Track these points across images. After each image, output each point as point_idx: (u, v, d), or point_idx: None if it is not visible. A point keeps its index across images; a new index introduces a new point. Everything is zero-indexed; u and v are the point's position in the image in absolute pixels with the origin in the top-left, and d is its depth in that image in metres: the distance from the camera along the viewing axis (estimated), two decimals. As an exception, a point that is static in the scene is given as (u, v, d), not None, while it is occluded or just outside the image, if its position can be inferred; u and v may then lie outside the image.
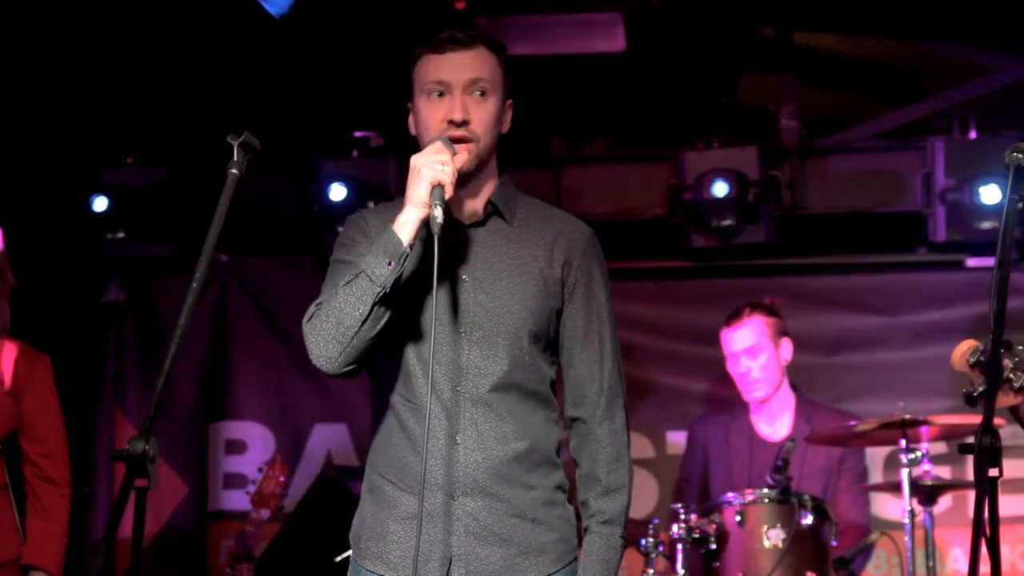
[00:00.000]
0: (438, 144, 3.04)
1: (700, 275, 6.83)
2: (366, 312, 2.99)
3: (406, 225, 3.00)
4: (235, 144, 2.99)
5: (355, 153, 6.57)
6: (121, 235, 6.56)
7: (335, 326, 3.02)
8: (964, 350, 3.35)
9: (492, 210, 3.21)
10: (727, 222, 6.36)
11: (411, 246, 2.99)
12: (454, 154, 3.04)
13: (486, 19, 5.92)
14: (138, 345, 6.85)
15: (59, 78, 6.23)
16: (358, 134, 6.59)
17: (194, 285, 2.90)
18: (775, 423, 5.85)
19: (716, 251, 6.58)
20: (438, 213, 2.95)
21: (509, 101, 3.25)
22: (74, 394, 6.48)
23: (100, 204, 6.49)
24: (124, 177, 6.60)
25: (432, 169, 2.98)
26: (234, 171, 2.99)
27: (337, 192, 6.38)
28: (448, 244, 3.09)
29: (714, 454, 5.91)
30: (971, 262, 6.56)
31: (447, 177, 2.98)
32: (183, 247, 6.65)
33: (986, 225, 6.22)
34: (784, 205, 6.55)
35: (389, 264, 2.97)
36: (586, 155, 6.99)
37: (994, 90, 6.64)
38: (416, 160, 3.02)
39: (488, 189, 3.21)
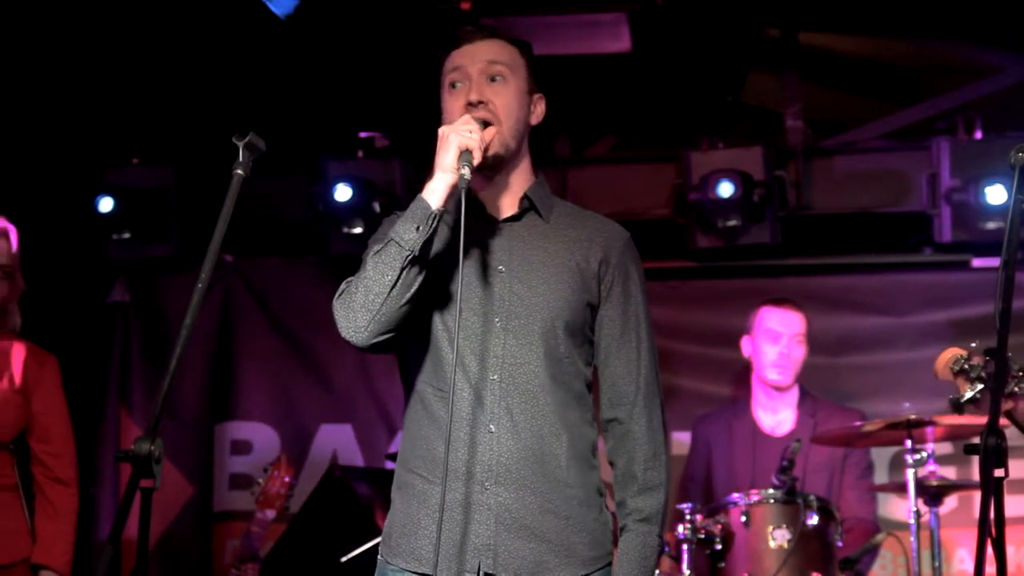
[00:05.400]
0: (466, 116, 3.05)
1: (705, 275, 6.83)
2: (395, 278, 2.96)
3: (435, 191, 2.99)
4: (240, 144, 2.99)
5: (360, 153, 6.57)
6: (126, 236, 6.57)
7: (364, 294, 2.99)
8: (947, 359, 3.36)
9: (528, 205, 3.19)
10: (732, 222, 6.36)
11: (441, 211, 2.98)
12: (484, 127, 3.05)
13: (492, 20, 5.91)
14: (143, 345, 6.86)
15: (64, 79, 6.23)
16: (363, 135, 6.59)
17: (199, 285, 2.89)
18: (778, 416, 5.85)
19: (721, 251, 6.58)
20: (466, 172, 2.95)
21: (538, 94, 3.25)
22: (79, 394, 6.48)
23: (105, 205, 6.49)
24: (129, 178, 6.61)
25: (460, 135, 2.99)
26: (239, 171, 2.98)
27: (342, 192, 6.38)
28: (483, 237, 3.10)
29: (717, 451, 5.91)
30: (976, 262, 6.55)
31: (475, 143, 2.99)
32: (188, 247, 6.65)
33: (991, 225, 6.21)
34: (789, 205, 6.54)
35: (417, 228, 2.96)
36: (591, 155, 7.00)
37: (1000, 90, 6.63)
38: (444, 128, 3.03)
39: (522, 184, 3.21)
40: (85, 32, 5.96)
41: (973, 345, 3.24)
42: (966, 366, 3.29)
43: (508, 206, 3.19)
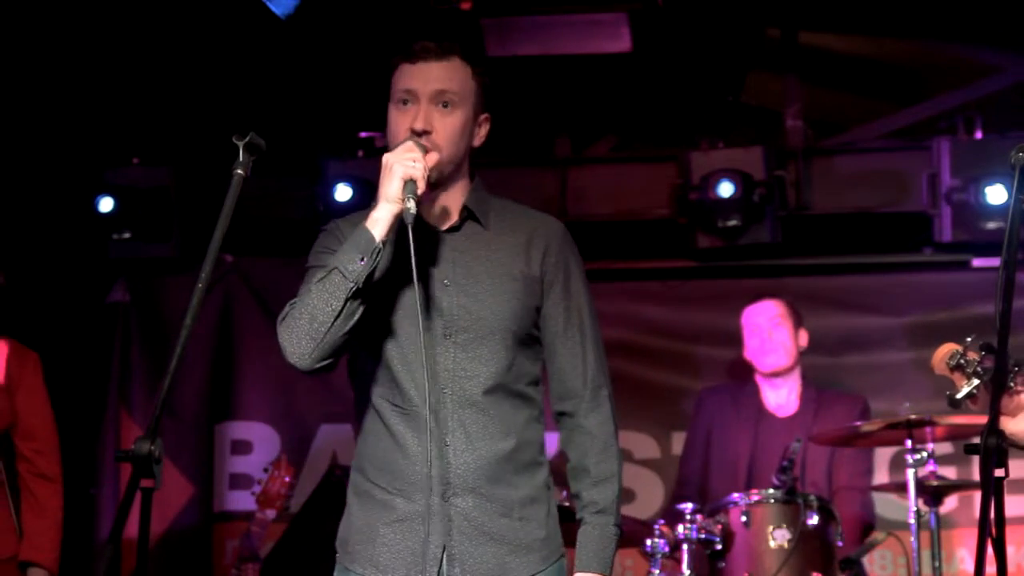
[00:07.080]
0: (409, 143, 3.07)
1: (706, 275, 6.83)
2: (339, 308, 3.03)
3: (379, 221, 3.03)
4: (240, 144, 2.99)
5: (360, 153, 6.58)
6: (126, 236, 6.57)
7: (308, 323, 3.05)
8: (943, 354, 3.34)
9: (467, 215, 3.24)
10: (732, 222, 6.36)
11: (384, 242, 3.03)
12: (426, 152, 3.07)
13: (492, 20, 5.91)
14: (143, 346, 6.86)
15: (63, 79, 6.23)
16: (363, 135, 6.59)
17: (199, 285, 2.89)
18: (783, 394, 5.85)
19: (722, 251, 6.58)
20: (411, 206, 2.98)
21: (485, 115, 3.26)
22: (80, 394, 6.50)
23: (105, 205, 6.50)
24: (129, 178, 6.61)
25: (404, 165, 3.02)
26: (239, 171, 2.98)
27: (342, 192, 6.39)
28: (425, 251, 3.13)
29: (718, 424, 5.90)
30: (977, 262, 6.56)
31: (419, 172, 3.02)
32: (188, 248, 6.65)
33: (992, 225, 6.21)
34: (789, 205, 6.55)
35: (362, 260, 3.01)
36: (592, 155, 6.99)
37: (1000, 90, 6.63)
38: (388, 157, 3.05)
39: (461, 195, 3.24)
40: (85, 32, 5.96)
41: (968, 340, 3.23)
42: (962, 361, 3.27)
43: (448, 217, 3.23)
